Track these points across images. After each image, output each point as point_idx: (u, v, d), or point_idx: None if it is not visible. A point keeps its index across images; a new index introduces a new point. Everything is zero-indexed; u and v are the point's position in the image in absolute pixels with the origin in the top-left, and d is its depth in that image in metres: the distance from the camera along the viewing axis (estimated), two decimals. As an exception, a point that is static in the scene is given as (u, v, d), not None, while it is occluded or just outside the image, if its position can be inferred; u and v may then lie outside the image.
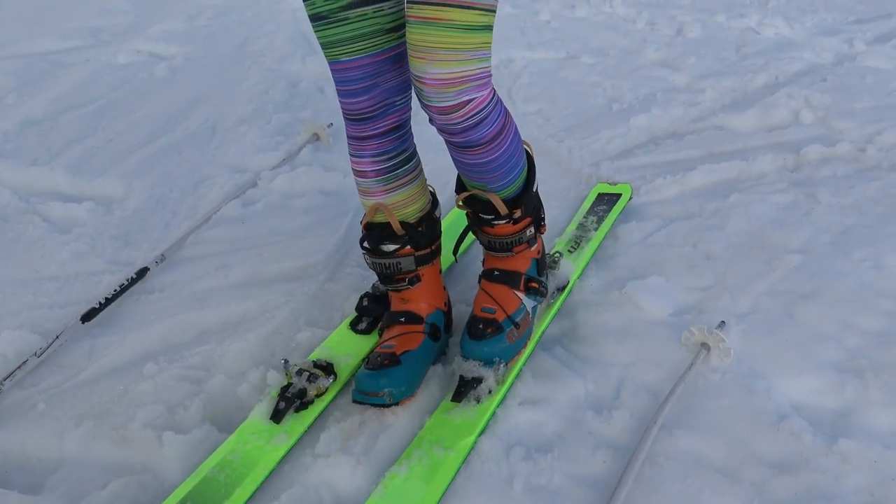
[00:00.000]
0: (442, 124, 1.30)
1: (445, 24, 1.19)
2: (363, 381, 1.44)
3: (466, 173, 1.46)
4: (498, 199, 1.45)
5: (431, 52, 1.21)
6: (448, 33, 1.20)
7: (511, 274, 1.55)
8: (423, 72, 1.23)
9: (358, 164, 1.47)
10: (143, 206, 2.22)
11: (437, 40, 1.20)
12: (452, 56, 1.21)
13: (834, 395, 1.50)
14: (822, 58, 3.41)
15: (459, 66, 1.22)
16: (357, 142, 1.44)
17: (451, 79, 1.23)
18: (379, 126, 1.41)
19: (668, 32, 3.77)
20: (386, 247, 1.50)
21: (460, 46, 1.21)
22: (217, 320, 1.73)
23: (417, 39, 1.22)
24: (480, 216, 1.50)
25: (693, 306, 1.76)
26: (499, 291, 1.54)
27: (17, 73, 3.10)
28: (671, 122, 2.74)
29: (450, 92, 1.24)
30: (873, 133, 2.59)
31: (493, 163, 1.39)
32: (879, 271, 1.84)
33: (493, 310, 1.51)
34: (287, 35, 3.67)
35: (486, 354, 1.47)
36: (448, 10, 1.18)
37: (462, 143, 1.33)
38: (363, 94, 1.37)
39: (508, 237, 1.51)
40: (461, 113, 1.27)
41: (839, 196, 2.19)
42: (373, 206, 1.49)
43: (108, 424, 1.44)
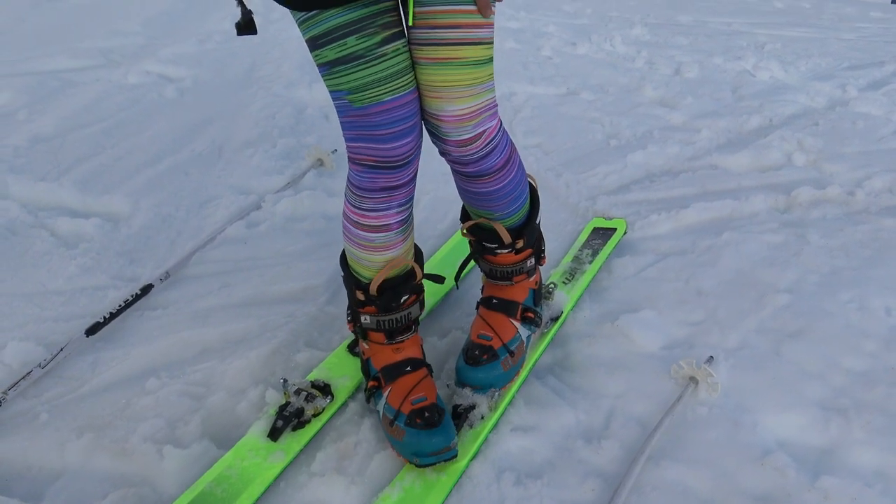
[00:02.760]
0: (458, 156, 1.34)
1: (461, 62, 1.24)
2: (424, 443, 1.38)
3: (474, 202, 1.49)
4: (503, 227, 1.50)
5: (449, 91, 1.25)
6: (463, 71, 1.24)
7: (509, 303, 1.59)
8: (442, 110, 1.26)
9: (380, 217, 1.38)
10: (150, 223, 2.26)
11: (454, 79, 1.24)
12: (469, 92, 1.26)
13: (818, 433, 1.54)
14: (815, 102, 3.50)
15: (475, 101, 1.28)
16: (386, 193, 1.35)
17: (469, 113, 1.28)
18: (412, 170, 1.35)
19: (666, 72, 3.86)
20: (403, 299, 1.47)
21: (474, 81, 1.26)
22: (218, 338, 1.77)
23: (434, 80, 1.25)
24: (484, 244, 1.54)
25: (683, 340, 1.80)
26: (496, 319, 1.57)
27: (30, 90, 3.16)
28: (667, 160, 2.81)
29: (468, 125, 1.29)
30: (863, 177, 2.65)
31: (500, 191, 1.44)
32: (864, 313, 1.89)
33: (489, 337, 1.54)
34: (294, 62, 3.74)
35: (481, 381, 1.50)
36: (462, 49, 1.23)
37: (474, 172, 1.39)
38: (407, 135, 1.29)
39: (509, 266, 1.56)
40: (478, 144, 1.33)
41: (828, 238, 2.25)
42: (389, 262, 1.43)
43: (109, 437, 1.47)
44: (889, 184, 2.61)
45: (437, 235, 2.23)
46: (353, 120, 1.28)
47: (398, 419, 1.43)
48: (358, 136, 1.29)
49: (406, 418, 1.41)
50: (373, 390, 1.52)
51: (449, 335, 1.77)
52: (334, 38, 1.21)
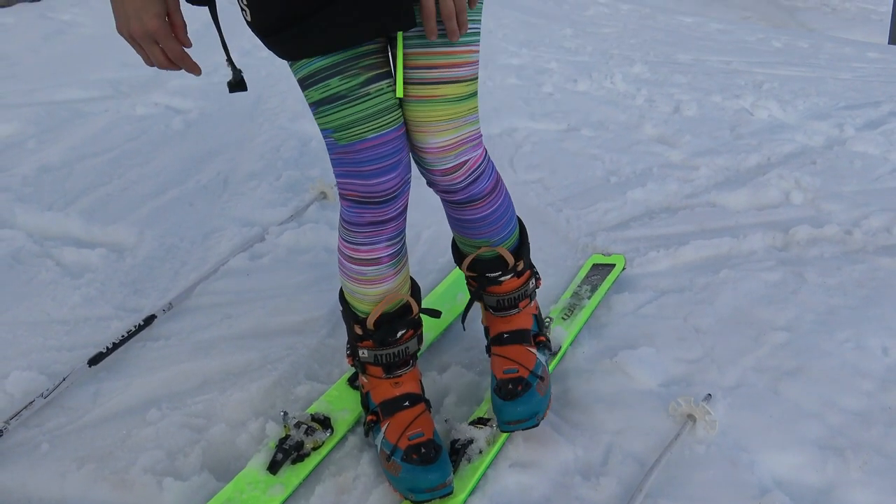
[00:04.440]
0: (445, 185, 1.41)
1: (438, 100, 1.32)
2: (422, 479, 1.39)
3: (470, 231, 1.54)
4: (505, 250, 1.54)
5: (432, 126, 1.33)
6: (443, 107, 1.32)
7: (520, 332, 1.61)
8: (426, 143, 1.35)
9: (371, 251, 1.43)
10: (154, 254, 2.29)
11: (435, 115, 1.33)
12: (449, 126, 1.34)
13: (815, 472, 1.54)
14: (813, 141, 3.54)
15: (456, 133, 1.35)
16: (373, 227, 1.40)
17: (450, 145, 1.36)
18: (399, 205, 1.40)
19: (665, 110, 3.91)
20: (400, 334, 1.49)
21: (454, 116, 1.34)
22: (220, 370, 1.78)
23: (417, 116, 1.33)
24: (487, 276, 1.57)
25: (681, 378, 1.81)
26: (514, 352, 1.58)
27: (39, 120, 3.21)
28: (666, 197, 2.84)
29: (450, 156, 1.37)
30: (860, 217, 2.68)
31: (493, 214, 1.50)
32: (861, 352, 1.90)
33: (515, 369, 1.53)
34: (299, 95, 3.77)
35: (524, 413, 1.48)
36: (439, 87, 1.31)
37: (464, 199, 1.45)
38: (392, 171, 1.34)
39: (515, 292, 1.59)
40: (461, 172, 1.39)
41: (825, 277, 2.27)
42: (384, 294, 1.47)
43: (110, 468, 1.48)
44: (886, 223, 2.63)
45: (437, 270, 2.25)
46: (340, 157, 1.33)
47: (395, 454, 1.43)
48: (345, 172, 1.35)
49: (403, 454, 1.42)
50: (371, 424, 1.53)
51: (448, 370, 1.78)
52: (318, 80, 1.27)
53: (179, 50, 1.21)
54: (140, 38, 1.18)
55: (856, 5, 11.73)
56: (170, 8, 1.19)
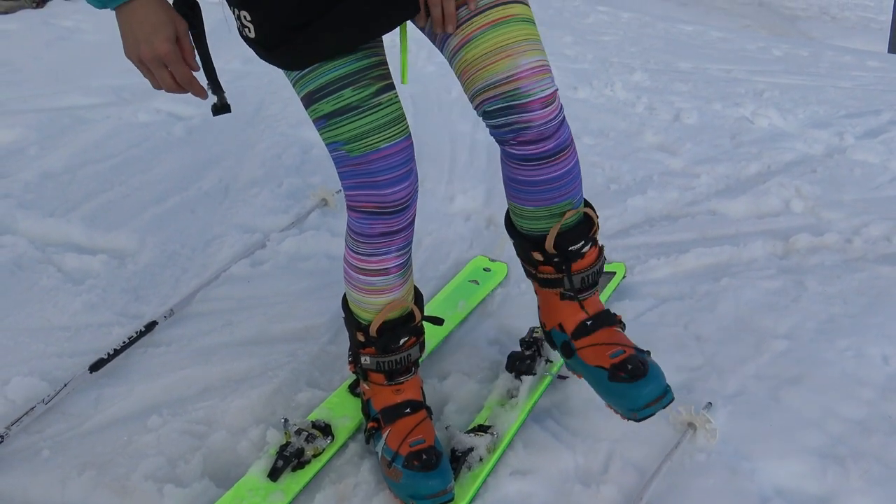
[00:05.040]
0: (542, 123, 1.25)
1: (516, 18, 1.23)
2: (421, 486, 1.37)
3: (556, 193, 1.36)
4: (589, 209, 1.42)
5: (518, 45, 1.22)
6: (521, 26, 1.23)
7: (602, 315, 1.46)
8: (517, 66, 1.21)
9: (381, 262, 1.42)
10: (155, 261, 2.29)
11: (518, 34, 1.22)
12: (534, 45, 1.24)
13: (815, 481, 1.55)
14: (813, 149, 3.54)
15: (541, 55, 1.25)
16: (384, 238, 1.39)
17: (542, 65, 1.24)
18: (410, 215, 1.38)
19: (665, 117, 3.92)
20: (403, 341, 1.49)
21: (534, 37, 1.25)
22: (221, 376, 1.79)
23: (498, 41, 1.22)
24: (571, 250, 1.40)
25: (682, 385, 1.81)
26: (608, 335, 1.43)
27: (41, 126, 3.21)
28: (666, 205, 2.85)
29: (546, 79, 1.24)
30: (860, 225, 2.68)
31: (576, 167, 1.37)
32: (861, 361, 1.90)
33: (621, 350, 1.39)
34: (301, 103, 3.81)
35: (658, 389, 1.35)
36: (513, 7, 1.24)
37: (555, 147, 1.29)
38: (404, 180, 1.33)
39: (597, 263, 1.44)
40: (556, 104, 1.26)
41: (826, 285, 2.27)
42: (389, 304, 1.46)
43: (111, 474, 1.48)
44: (886, 231, 2.64)
45: (438, 276, 2.25)
46: (352, 169, 1.32)
47: (396, 461, 1.43)
48: (357, 184, 1.33)
49: (404, 460, 1.42)
50: (372, 431, 1.54)
51: (449, 377, 1.79)
52: (331, 91, 1.27)
53: (188, 74, 1.22)
54: (150, 62, 1.19)
55: (856, 14, 11.76)
56: (178, 33, 1.20)
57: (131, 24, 1.17)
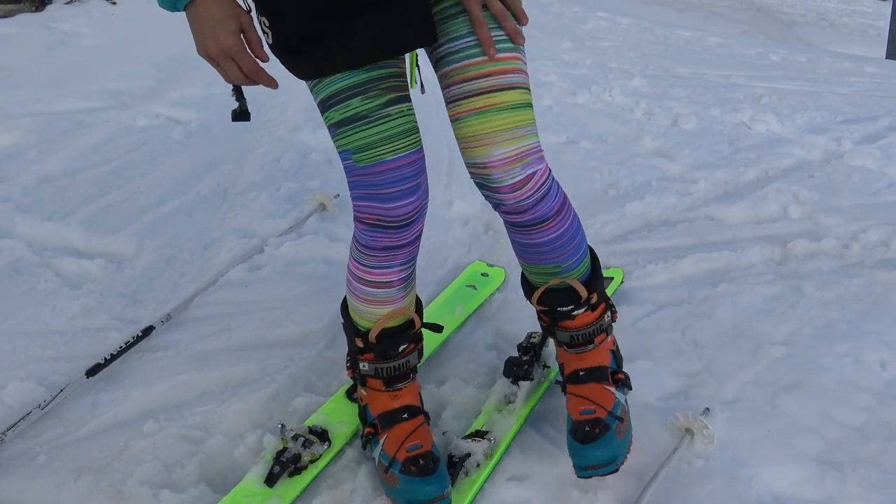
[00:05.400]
0: (513, 203, 1.32)
1: (499, 107, 1.26)
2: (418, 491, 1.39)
3: (539, 258, 1.44)
4: (577, 282, 1.45)
5: (493, 136, 1.27)
6: (503, 115, 1.27)
7: (597, 370, 1.51)
8: (489, 156, 1.28)
9: (383, 274, 1.42)
10: (153, 265, 2.29)
11: (496, 124, 1.27)
12: (512, 135, 1.28)
13: (814, 488, 1.54)
14: (811, 155, 3.55)
15: (519, 143, 1.28)
16: (388, 252, 1.38)
17: (515, 155, 1.28)
18: (415, 230, 1.37)
19: (664, 123, 3.92)
20: (402, 348, 1.49)
21: (516, 124, 1.28)
22: (218, 381, 1.78)
23: (476, 130, 1.28)
24: (559, 310, 1.47)
25: (679, 392, 1.81)
26: (591, 391, 1.48)
27: (39, 130, 3.21)
28: (664, 210, 2.85)
29: (516, 167, 1.29)
30: (858, 231, 2.69)
31: (563, 236, 1.41)
32: (859, 367, 1.90)
33: (592, 410, 1.44)
34: (299, 106, 3.81)
35: (603, 457, 1.40)
36: (498, 95, 1.26)
37: (532, 220, 1.36)
38: (409, 195, 1.32)
39: (589, 326, 1.49)
40: (529, 186, 1.31)
41: (823, 290, 2.27)
42: (389, 312, 1.46)
43: (107, 480, 1.48)
44: (884, 237, 2.64)
45: (436, 282, 2.25)
46: (358, 179, 1.32)
47: (393, 466, 1.43)
48: (363, 195, 1.33)
49: (401, 465, 1.42)
50: (369, 437, 1.53)
51: (447, 383, 1.78)
52: (340, 100, 1.28)
53: (254, 64, 1.22)
54: (217, 56, 1.20)
55: (854, 20, 11.79)
56: (244, 25, 1.21)
57: (198, 22, 1.19)
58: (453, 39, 1.28)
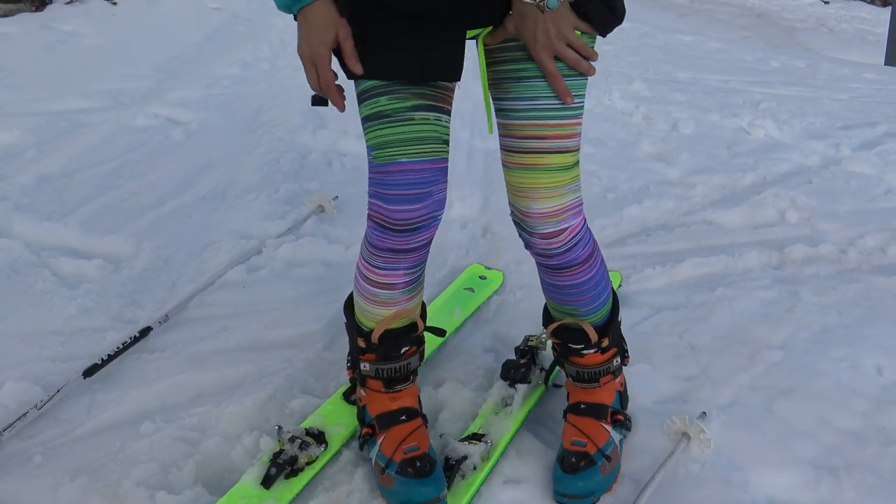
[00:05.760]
0: (542, 248, 1.41)
1: (544, 168, 1.34)
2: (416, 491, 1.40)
3: (560, 298, 1.51)
4: (589, 326, 1.51)
5: (534, 192, 1.36)
6: (547, 175, 1.35)
7: (598, 407, 1.56)
8: (528, 208, 1.37)
9: (388, 276, 1.43)
10: (151, 266, 2.29)
11: (538, 182, 1.35)
12: (552, 193, 1.36)
13: (809, 492, 1.55)
14: (809, 160, 3.56)
15: (559, 200, 1.36)
16: (394, 254, 1.40)
17: (553, 211, 1.37)
18: (422, 238, 1.39)
19: (663, 127, 3.93)
20: (404, 350, 1.50)
21: (558, 184, 1.36)
22: (215, 383, 1.78)
23: (520, 183, 1.37)
24: (570, 346, 1.54)
25: (676, 395, 1.81)
26: (587, 424, 1.54)
27: (39, 129, 3.21)
28: (662, 214, 2.85)
29: (551, 222, 1.38)
30: (855, 236, 2.69)
31: (585, 284, 1.47)
32: (856, 371, 1.91)
33: (583, 443, 1.50)
34: (299, 108, 3.81)
35: (582, 489, 1.45)
36: (546, 157, 1.34)
37: (558, 264, 1.44)
38: (418, 201, 1.33)
39: (596, 367, 1.55)
40: (560, 238, 1.39)
41: (820, 295, 2.28)
42: (394, 314, 1.47)
43: (103, 480, 1.47)
44: (881, 243, 2.65)
45: (434, 283, 2.25)
46: (374, 176, 1.36)
47: (389, 467, 1.44)
48: (374, 192, 1.37)
49: (397, 467, 1.43)
50: (366, 437, 1.53)
51: (444, 385, 1.78)
52: (370, 96, 1.32)
53: (330, 80, 1.28)
54: (304, 59, 1.28)
55: (853, 26, 11.82)
56: (340, 37, 1.26)
57: (304, 25, 1.26)
58: (517, 99, 1.33)
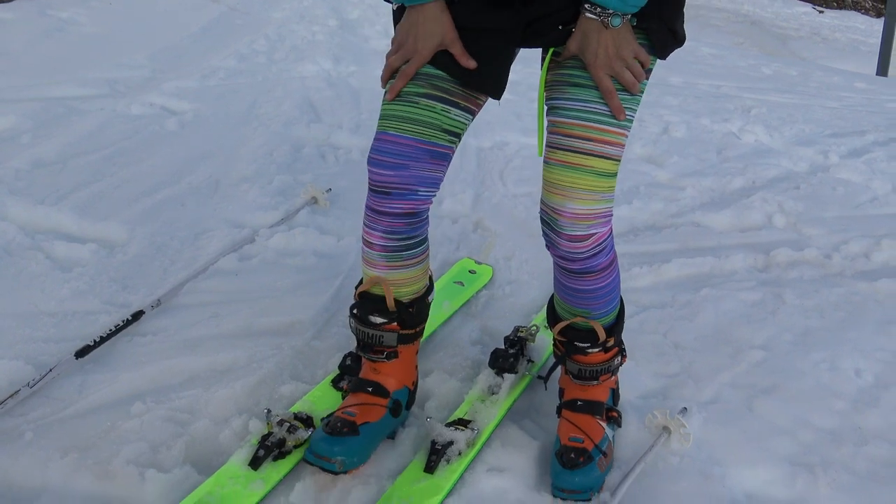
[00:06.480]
0: (567, 251, 1.44)
1: (585, 169, 1.37)
2: (318, 444, 1.49)
3: (574, 300, 1.55)
4: (600, 326, 1.55)
5: (571, 191, 1.38)
6: (587, 177, 1.37)
7: (594, 404, 1.61)
8: (562, 206, 1.39)
9: (369, 234, 1.52)
10: (144, 252, 2.30)
11: (577, 182, 1.38)
12: (588, 196, 1.38)
13: (785, 488, 1.58)
14: (797, 166, 3.61)
15: (593, 205, 1.39)
16: (373, 213, 1.49)
17: (585, 214, 1.39)
18: (395, 206, 1.46)
19: (654, 130, 3.97)
20: (374, 318, 1.56)
21: (595, 188, 1.38)
22: (206, 367, 1.80)
23: (558, 179, 1.39)
24: (576, 344, 1.57)
25: (659, 391, 1.85)
26: (584, 421, 1.58)
27: (35, 115, 3.22)
28: (651, 216, 2.89)
29: (581, 224, 1.40)
30: (840, 242, 2.74)
31: (602, 289, 1.52)
32: (835, 373, 1.95)
33: (581, 439, 1.55)
34: (294, 101, 3.83)
35: (580, 484, 1.49)
36: (589, 159, 1.37)
37: (580, 269, 1.48)
38: (390, 169, 1.43)
39: (599, 365, 1.59)
40: (587, 243, 1.42)
41: (804, 298, 2.32)
42: (373, 277, 1.55)
43: (93, 458, 1.49)
44: (865, 249, 2.70)
45: (424, 277, 2.28)
46: (373, 142, 1.47)
47: (324, 419, 1.56)
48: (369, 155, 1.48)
49: (327, 420, 1.54)
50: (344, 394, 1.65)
51: (431, 375, 1.81)
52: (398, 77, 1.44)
53: (409, 75, 1.40)
54: (402, 49, 1.39)
55: (847, 36, 11.92)
56: (446, 42, 1.37)
57: (413, 21, 1.37)
58: (570, 99, 1.38)
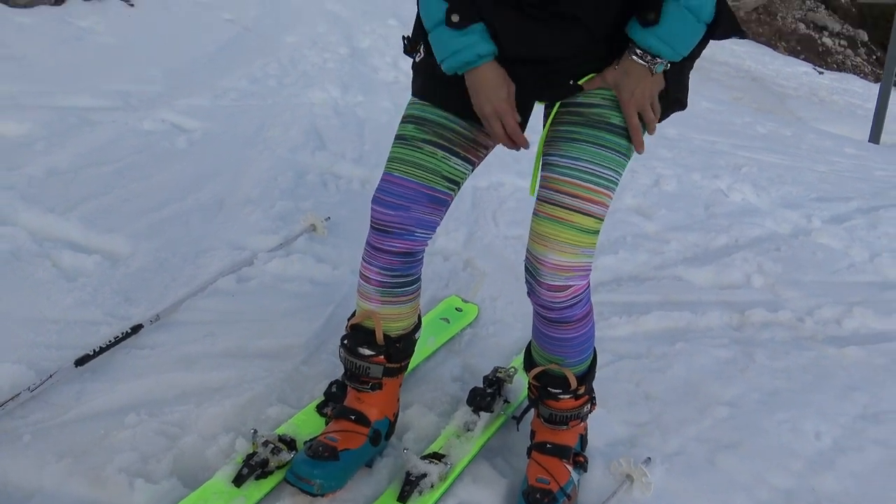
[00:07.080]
0: (545, 300, 1.53)
1: (570, 224, 1.47)
2: (299, 466, 1.57)
3: (550, 347, 1.64)
4: (572, 374, 1.64)
5: (554, 243, 1.48)
6: (570, 231, 1.47)
7: (562, 448, 1.69)
8: (545, 256, 1.49)
9: (366, 269, 1.62)
10: (147, 266, 2.39)
11: (560, 235, 1.47)
12: (569, 249, 1.48)
13: (737, 541, 1.67)
14: (780, 227, 3.73)
15: (572, 259, 1.49)
16: (373, 250, 1.60)
17: (565, 266, 1.49)
18: (394, 245, 1.57)
19: (646, 182, 4.09)
20: (363, 350, 1.66)
21: (576, 243, 1.48)
22: (198, 384, 1.88)
23: (544, 231, 1.49)
24: (548, 390, 1.66)
25: (627, 439, 1.94)
26: (551, 463, 1.67)
27: (49, 123, 3.31)
28: (636, 266, 3.00)
29: (561, 276, 1.49)
30: (814, 306, 2.85)
31: (576, 339, 1.62)
32: (796, 434, 2.04)
33: (547, 480, 1.63)
34: (301, 127, 3.94)
35: None
36: (574, 215, 1.47)
37: (557, 318, 1.57)
38: (392, 209, 1.54)
39: (569, 411, 1.68)
40: (565, 294, 1.52)
41: (773, 359, 2.42)
42: (366, 310, 1.65)
43: (86, 464, 1.57)
44: (837, 315, 2.80)
45: (413, 311, 2.37)
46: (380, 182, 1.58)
47: (307, 443, 1.63)
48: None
49: (309, 444, 1.61)
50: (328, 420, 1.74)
51: (411, 408, 1.90)
52: (406, 121, 1.58)
53: (515, 126, 1.48)
54: (489, 116, 1.46)
55: (844, 99, 12.17)
56: (509, 92, 1.46)
57: (477, 85, 1.45)
58: (564, 157, 1.48)
